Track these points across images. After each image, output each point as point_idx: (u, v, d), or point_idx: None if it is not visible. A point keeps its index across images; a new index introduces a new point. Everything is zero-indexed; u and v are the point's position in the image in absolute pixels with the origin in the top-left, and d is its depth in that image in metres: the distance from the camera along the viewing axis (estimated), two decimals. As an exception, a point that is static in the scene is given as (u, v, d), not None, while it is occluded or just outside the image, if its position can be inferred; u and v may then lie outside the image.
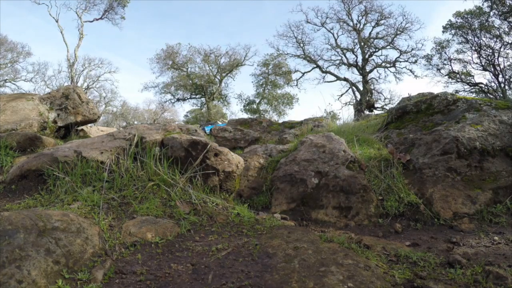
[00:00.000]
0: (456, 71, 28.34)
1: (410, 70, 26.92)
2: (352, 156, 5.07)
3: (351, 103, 27.38)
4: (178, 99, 33.40)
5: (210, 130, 13.94)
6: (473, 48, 26.26)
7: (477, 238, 3.78)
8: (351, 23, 26.23)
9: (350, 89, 26.84)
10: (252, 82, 38.02)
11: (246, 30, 62.83)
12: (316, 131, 8.54)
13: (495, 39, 24.82)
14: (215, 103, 34.48)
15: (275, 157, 6.51)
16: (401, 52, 25.20)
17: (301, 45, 27.11)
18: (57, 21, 28.64)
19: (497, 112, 5.31)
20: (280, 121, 19.88)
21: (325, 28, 26.73)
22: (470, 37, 25.71)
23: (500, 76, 26.42)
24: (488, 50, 25.60)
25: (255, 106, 32.16)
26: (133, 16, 64.12)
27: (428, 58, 27.63)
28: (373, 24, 25.79)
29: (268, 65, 30.57)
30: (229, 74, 32.84)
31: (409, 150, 5.21)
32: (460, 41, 26.50)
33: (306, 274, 2.32)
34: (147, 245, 3.03)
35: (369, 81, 26.27)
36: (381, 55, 26.39)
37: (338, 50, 27.01)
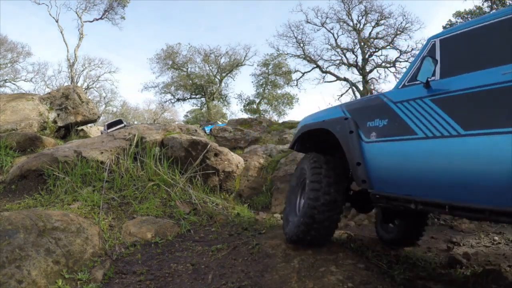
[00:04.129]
0: (456, 71, 28.19)
1: (410, 70, 26.68)
2: (352, 156, 5.07)
3: (351, 103, 27.35)
4: (178, 99, 33.39)
5: (210, 130, 13.96)
6: (473, 48, 26.11)
7: (477, 238, 3.78)
8: (351, 23, 26.21)
9: (350, 89, 26.82)
10: (252, 82, 37.99)
11: (246, 30, 62.83)
12: (316, 131, 8.50)
13: (495, 39, 24.69)
14: (215, 103, 34.47)
15: (275, 157, 6.51)
16: (401, 52, 25.17)
17: (301, 45, 27.09)
18: (57, 21, 28.61)
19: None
20: (280, 121, 19.85)
21: (325, 28, 26.69)
22: (470, 37, 25.54)
23: (500, 76, 26.31)
24: (488, 50, 25.47)
25: (255, 106, 32.14)
26: (133, 16, 64.07)
27: (428, 58, 27.42)
28: (373, 24, 25.73)
29: (268, 65, 30.55)
30: (229, 74, 32.82)
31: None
32: (460, 41, 26.33)
33: (306, 274, 2.32)
34: (147, 245, 3.03)
35: (369, 81, 26.25)
36: (381, 55, 26.30)
37: (338, 50, 26.98)
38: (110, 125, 16.51)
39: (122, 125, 16.17)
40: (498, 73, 1.68)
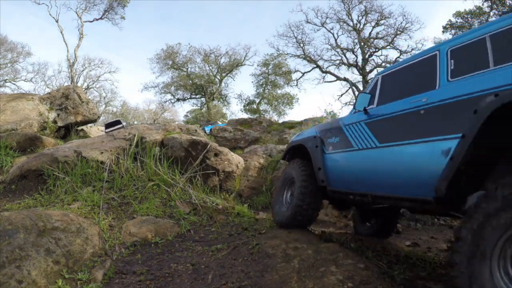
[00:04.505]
0: (456, 71, 28.07)
1: (410, 70, 26.45)
2: (352, 156, 5.08)
3: (351, 103, 27.35)
4: (178, 99, 33.32)
5: (210, 130, 13.96)
6: (473, 48, 25.98)
7: (477, 238, 3.77)
8: (351, 23, 26.14)
9: (350, 89, 26.79)
10: (252, 82, 37.92)
11: (246, 30, 62.72)
12: (316, 131, 8.51)
13: (495, 39, 24.56)
14: (215, 103, 34.42)
15: (275, 157, 6.51)
16: (401, 52, 25.10)
17: (301, 45, 27.01)
18: (57, 21, 28.53)
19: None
20: (280, 121, 19.82)
21: (325, 28, 26.62)
22: (470, 37, 25.41)
23: (500, 76, 26.19)
24: (488, 50, 25.35)
25: (255, 106, 32.10)
26: (133, 16, 63.88)
27: (428, 58, 27.27)
28: (373, 24, 25.65)
29: (268, 65, 30.47)
30: (229, 74, 32.76)
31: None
32: (460, 41, 26.21)
33: (306, 274, 2.32)
34: (147, 245, 3.03)
35: (369, 81, 26.23)
36: (381, 55, 26.19)
37: (338, 50, 26.91)
38: (108, 125, 16.38)
39: (121, 125, 16.10)
40: (408, 102, 2.32)
